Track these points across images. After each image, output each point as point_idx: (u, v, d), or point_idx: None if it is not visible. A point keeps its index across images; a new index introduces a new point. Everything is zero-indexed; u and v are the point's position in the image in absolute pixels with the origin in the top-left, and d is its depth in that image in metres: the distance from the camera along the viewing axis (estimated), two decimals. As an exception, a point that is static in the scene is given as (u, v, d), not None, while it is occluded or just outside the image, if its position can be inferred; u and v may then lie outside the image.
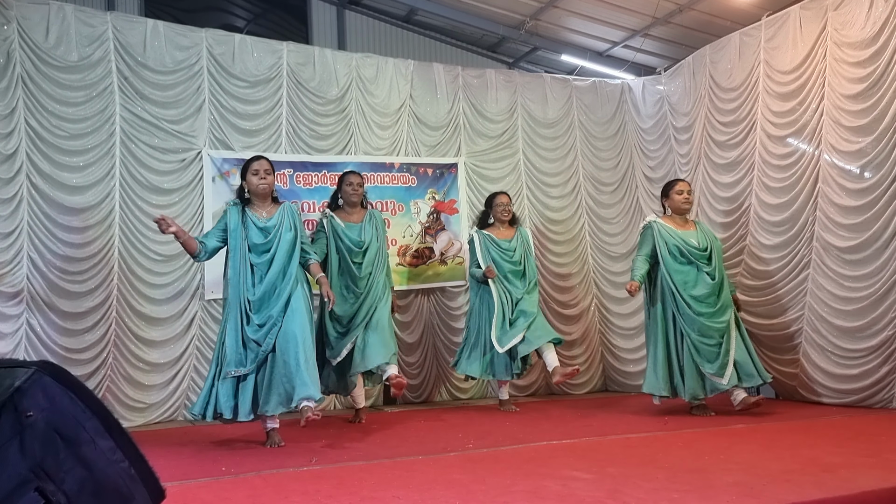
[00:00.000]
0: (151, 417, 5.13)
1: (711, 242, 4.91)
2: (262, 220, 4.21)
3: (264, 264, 4.13)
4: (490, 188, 6.16)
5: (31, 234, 4.90)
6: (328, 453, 3.75)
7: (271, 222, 4.21)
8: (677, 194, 4.96)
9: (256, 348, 4.00)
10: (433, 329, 6.14)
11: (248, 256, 4.15)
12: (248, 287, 4.10)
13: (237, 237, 4.16)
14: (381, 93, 6.10)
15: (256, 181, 4.21)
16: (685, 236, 4.85)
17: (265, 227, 4.19)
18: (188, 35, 5.51)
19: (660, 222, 4.93)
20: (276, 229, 4.19)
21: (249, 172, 4.25)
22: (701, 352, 4.68)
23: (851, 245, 4.76)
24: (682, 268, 4.80)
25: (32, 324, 4.83)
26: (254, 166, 4.25)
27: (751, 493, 2.58)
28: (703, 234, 4.95)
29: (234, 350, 4.02)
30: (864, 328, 4.69)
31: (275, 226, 4.20)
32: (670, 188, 5.04)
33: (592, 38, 6.97)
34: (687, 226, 4.97)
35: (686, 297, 4.72)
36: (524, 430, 4.39)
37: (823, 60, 4.99)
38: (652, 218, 5.02)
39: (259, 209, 4.26)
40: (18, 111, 4.91)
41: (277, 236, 4.17)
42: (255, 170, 4.23)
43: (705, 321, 4.67)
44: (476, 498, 2.66)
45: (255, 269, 4.14)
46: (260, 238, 4.17)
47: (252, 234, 4.17)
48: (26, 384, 1.22)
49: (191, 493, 2.86)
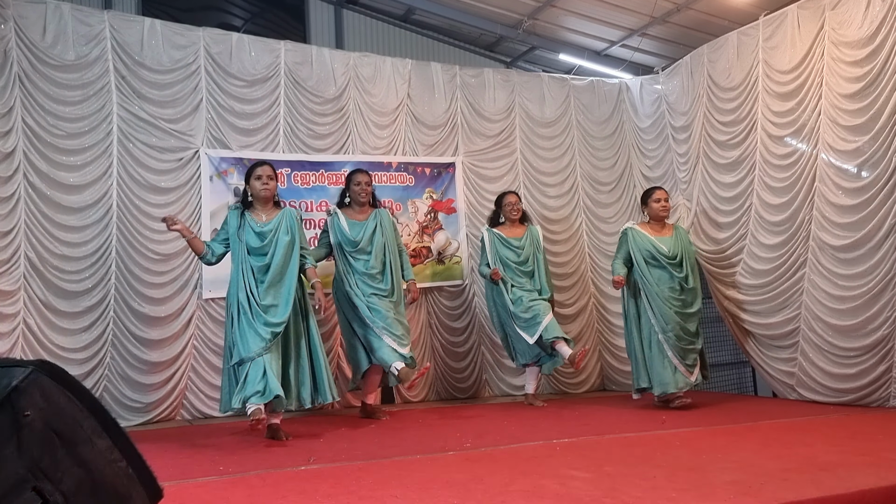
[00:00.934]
0: (149, 417, 5.12)
1: (684, 249, 5.20)
2: (260, 225, 4.36)
3: (263, 268, 4.30)
4: (488, 187, 6.15)
5: (28, 233, 4.89)
6: (326, 452, 3.75)
7: (268, 227, 4.36)
8: (655, 202, 5.27)
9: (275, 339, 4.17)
10: (431, 328, 6.14)
11: (248, 259, 4.31)
12: (251, 287, 4.25)
13: (236, 241, 4.34)
14: (378, 92, 6.10)
15: (259, 186, 4.40)
16: (658, 242, 5.16)
17: (261, 231, 4.35)
18: (185, 34, 5.50)
19: (635, 229, 5.30)
20: (273, 233, 4.34)
21: (253, 177, 4.44)
22: (674, 349, 5.00)
23: (846, 244, 4.77)
24: (655, 271, 5.14)
25: (29, 323, 4.82)
26: (257, 171, 4.43)
27: (748, 491, 2.59)
28: (678, 240, 5.22)
29: (254, 339, 4.13)
30: (859, 327, 4.70)
31: (271, 230, 4.35)
32: (648, 196, 5.35)
33: (590, 37, 6.98)
34: (663, 231, 5.27)
35: (660, 297, 5.06)
36: (522, 430, 4.39)
37: (821, 60, 4.99)
38: (629, 224, 5.37)
39: (259, 213, 4.43)
40: (16, 110, 4.91)
41: (274, 240, 4.33)
42: (259, 175, 4.41)
43: (679, 320, 5.03)
44: (474, 497, 2.67)
45: (255, 271, 4.30)
46: (256, 241, 4.33)
47: (249, 237, 4.32)
48: (23, 383, 1.22)
49: (188, 493, 2.86)
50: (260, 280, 4.27)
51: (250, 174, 4.47)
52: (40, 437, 1.22)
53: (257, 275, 4.29)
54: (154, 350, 5.18)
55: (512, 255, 5.49)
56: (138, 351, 5.13)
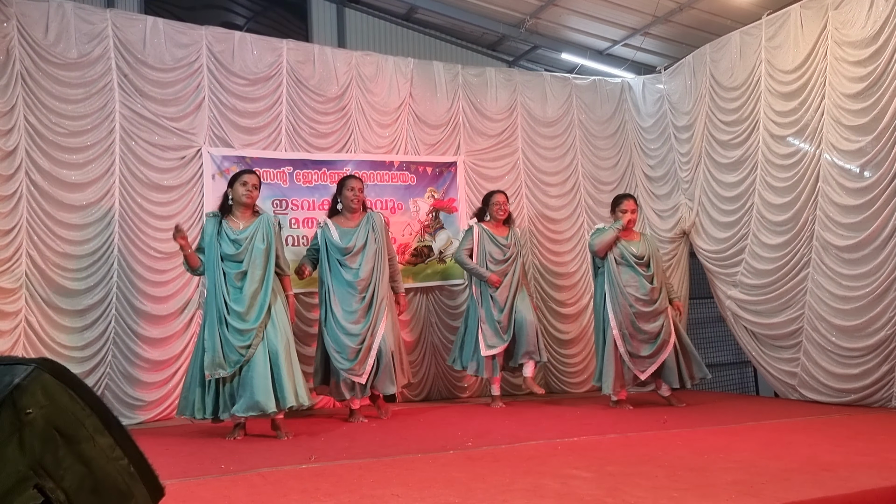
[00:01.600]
0: (150, 415, 5.12)
1: (653, 253, 5.37)
2: (236, 232, 4.37)
3: (238, 275, 4.32)
4: (489, 187, 6.15)
5: (30, 231, 4.89)
6: (327, 451, 3.75)
7: (243, 234, 4.37)
8: (622, 212, 5.36)
9: (238, 356, 4.18)
10: (432, 327, 6.14)
11: (222, 265, 4.33)
12: (224, 294, 4.27)
13: (211, 247, 4.36)
14: (380, 91, 6.10)
15: (242, 191, 4.41)
16: (628, 244, 5.33)
17: (236, 238, 4.36)
18: (188, 32, 5.50)
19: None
20: (249, 241, 4.35)
21: (238, 182, 4.44)
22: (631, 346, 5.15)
23: (850, 244, 4.76)
24: (625, 269, 5.26)
25: (31, 321, 4.83)
26: (244, 177, 4.46)
27: (750, 491, 2.58)
28: (646, 244, 5.38)
29: (213, 352, 4.18)
30: (862, 327, 4.69)
31: (247, 237, 4.36)
32: (617, 206, 5.44)
33: (593, 36, 6.96)
34: (632, 236, 5.42)
35: (626, 295, 5.19)
36: (523, 429, 4.39)
37: (824, 59, 4.98)
38: (600, 226, 5.50)
39: (236, 220, 4.42)
40: (18, 108, 4.91)
41: (249, 248, 4.34)
42: (245, 181, 4.43)
43: (639, 320, 5.14)
44: (475, 496, 2.66)
45: (227, 277, 4.31)
46: (231, 249, 4.34)
47: (224, 244, 4.34)
48: (26, 381, 1.22)
49: (190, 491, 2.86)
50: (235, 287, 4.29)
51: (236, 179, 4.46)
52: (42, 435, 1.22)
53: (233, 282, 4.30)
54: (155, 348, 5.18)
55: (498, 252, 5.49)
56: (140, 349, 5.14)
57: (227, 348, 4.19)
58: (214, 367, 4.18)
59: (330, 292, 4.90)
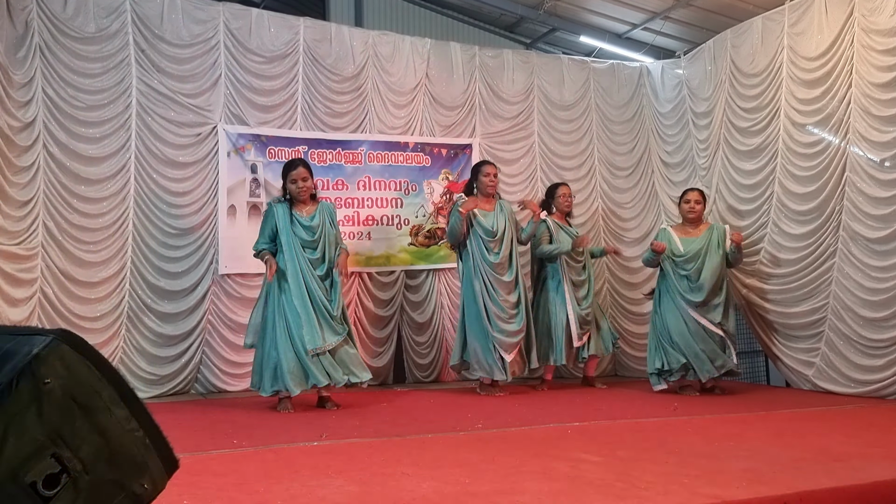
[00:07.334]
0: (164, 389, 5.17)
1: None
2: (306, 219, 4.59)
3: (317, 260, 4.56)
4: (505, 170, 6.11)
5: (46, 202, 4.92)
6: (338, 429, 3.77)
7: (314, 221, 4.59)
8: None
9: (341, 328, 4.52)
10: (443, 309, 6.14)
11: (302, 252, 4.52)
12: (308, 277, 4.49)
13: (288, 233, 4.53)
14: (397, 71, 6.06)
15: (296, 189, 4.58)
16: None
17: (310, 225, 4.57)
18: (205, 9, 5.48)
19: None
20: (321, 227, 4.58)
21: (289, 181, 4.60)
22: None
23: (881, 236, 4.68)
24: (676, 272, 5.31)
25: (46, 291, 4.87)
26: (292, 175, 4.57)
27: (761, 479, 2.58)
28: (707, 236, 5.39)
29: (311, 330, 4.39)
30: (889, 318, 4.63)
31: (318, 224, 4.60)
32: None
33: (612, 19, 6.88)
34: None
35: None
36: (534, 412, 4.40)
37: (851, 47, 4.89)
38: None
39: (301, 208, 4.62)
40: (36, 80, 4.92)
41: (322, 233, 4.57)
42: (294, 178, 4.56)
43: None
44: (485, 477, 2.68)
45: (310, 263, 4.54)
46: (307, 235, 4.56)
47: (299, 231, 4.55)
48: (45, 351, 1.23)
49: (203, 465, 2.89)
50: (315, 274, 4.52)
51: (286, 177, 4.61)
52: (60, 405, 1.23)
53: (311, 265, 4.53)
54: (169, 323, 5.22)
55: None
56: (153, 324, 5.18)
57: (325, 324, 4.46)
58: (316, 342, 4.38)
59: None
